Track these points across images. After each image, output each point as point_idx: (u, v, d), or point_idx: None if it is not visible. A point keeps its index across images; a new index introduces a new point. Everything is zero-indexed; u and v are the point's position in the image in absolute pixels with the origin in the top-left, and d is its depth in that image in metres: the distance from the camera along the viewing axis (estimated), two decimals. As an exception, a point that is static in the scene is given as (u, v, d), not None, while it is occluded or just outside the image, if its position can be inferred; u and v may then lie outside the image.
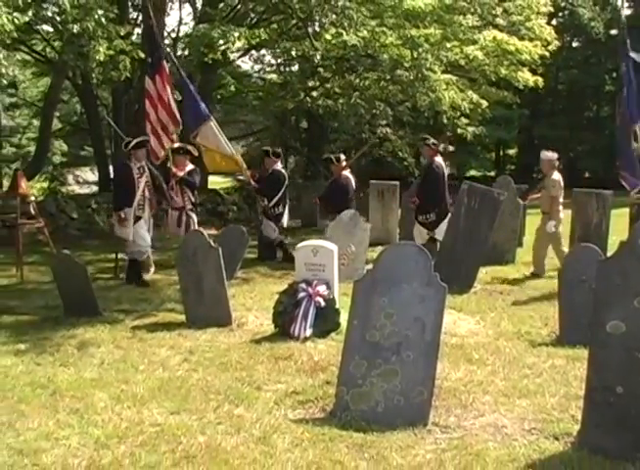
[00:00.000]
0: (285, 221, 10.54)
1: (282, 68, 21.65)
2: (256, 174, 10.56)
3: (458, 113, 16.36)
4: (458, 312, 7.03)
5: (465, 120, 17.83)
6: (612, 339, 3.63)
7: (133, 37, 13.57)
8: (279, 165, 10.54)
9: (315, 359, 5.38)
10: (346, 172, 10.54)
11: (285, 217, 10.50)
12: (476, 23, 14.06)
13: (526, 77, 15.99)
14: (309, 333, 6.00)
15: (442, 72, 14.50)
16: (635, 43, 8.28)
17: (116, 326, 6.62)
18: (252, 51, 17.13)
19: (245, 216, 16.25)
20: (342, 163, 10.58)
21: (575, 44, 32.08)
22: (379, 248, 8.14)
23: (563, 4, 28.78)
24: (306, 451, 3.76)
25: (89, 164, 24.85)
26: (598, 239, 8.73)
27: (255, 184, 10.31)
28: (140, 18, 12.67)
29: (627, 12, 31.54)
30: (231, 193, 17.96)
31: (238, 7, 14.39)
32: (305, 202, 15.35)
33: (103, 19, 8.58)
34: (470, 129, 18.48)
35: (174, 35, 18.18)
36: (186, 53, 14.93)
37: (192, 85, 9.16)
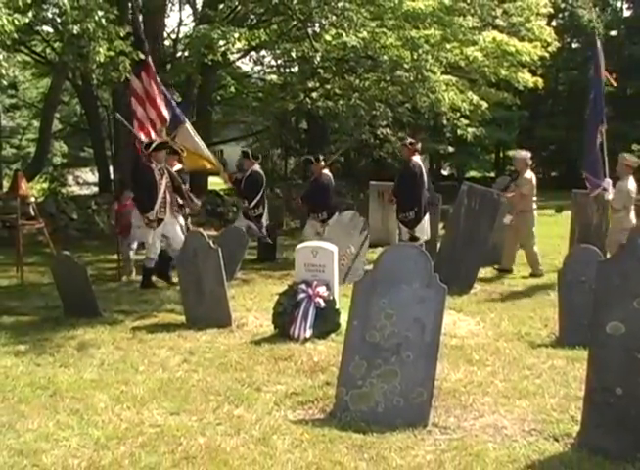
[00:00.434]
0: (264, 222, 10.59)
1: (282, 69, 21.66)
2: (234, 176, 10.74)
3: (458, 114, 16.35)
4: (458, 313, 7.04)
5: (465, 122, 17.80)
6: (611, 340, 3.64)
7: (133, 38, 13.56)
8: (257, 167, 10.62)
9: (315, 360, 5.38)
10: (326, 171, 10.72)
11: (264, 218, 10.58)
12: (476, 24, 14.03)
13: (526, 78, 15.99)
14: (309, 334, 6.00)
15: (442, 74, 14.50)
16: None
17: (116, 327, 6.63)
18: (252, 52, 17.12)
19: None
20: (322, 162, 10.75)
21: (575, 45, 32.09)
22: (379, 249, 8.15)
23: (563, 5, 28.80)
24: (306, 452, 3.76)
25: (89, 164, 24.84)
26: (598, 240, 8.73)
27: (232, 185, 10.54)
28: (140, 18, 12.66)
29: (627, 13, 31.67)
30: (231, 194, 17.94)
31: (238, 8, 14.38)
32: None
33: (103, 20, 8.57)
34: (470, 130, 18.45)
35: (174, 36, 18.21)
36: (186, 54, 14.95)
37: (165, 89, 9.28)
